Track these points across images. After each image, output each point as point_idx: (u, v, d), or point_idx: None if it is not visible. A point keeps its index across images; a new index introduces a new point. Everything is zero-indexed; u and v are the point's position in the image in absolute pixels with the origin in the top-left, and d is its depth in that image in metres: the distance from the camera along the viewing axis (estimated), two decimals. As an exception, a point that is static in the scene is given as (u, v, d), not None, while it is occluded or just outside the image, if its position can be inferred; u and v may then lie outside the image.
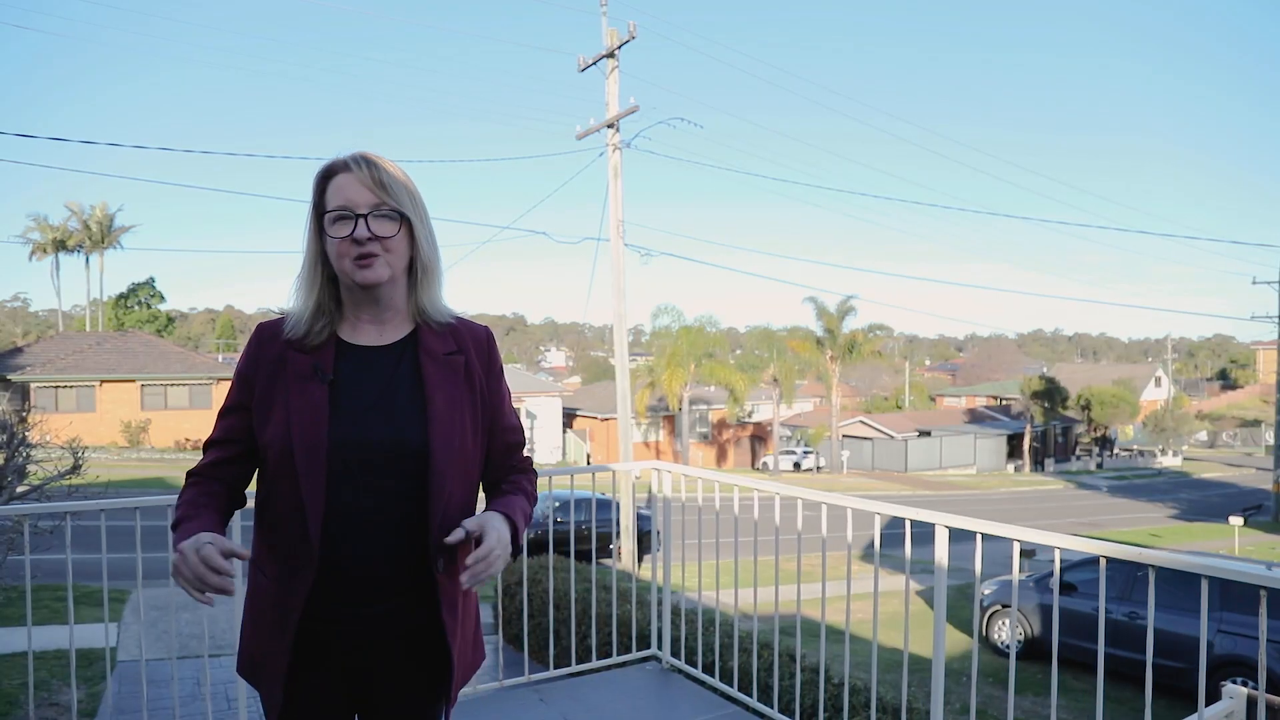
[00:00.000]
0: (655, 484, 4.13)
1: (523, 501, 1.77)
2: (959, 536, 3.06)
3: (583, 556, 13.29)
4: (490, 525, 1.60)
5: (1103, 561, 2.55)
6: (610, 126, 16.08)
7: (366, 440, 1.62)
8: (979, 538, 2.83)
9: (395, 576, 1.64)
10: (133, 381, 31.85)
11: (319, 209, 1.67)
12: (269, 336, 1.71)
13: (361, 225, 1.61)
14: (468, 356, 1.75)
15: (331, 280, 1.71)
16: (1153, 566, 2.44)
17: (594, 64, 16.17)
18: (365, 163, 1.65)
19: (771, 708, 3.54)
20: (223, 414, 1.74)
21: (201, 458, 1.75)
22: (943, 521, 2.87)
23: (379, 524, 1.62)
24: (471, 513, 1.73)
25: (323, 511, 1.58)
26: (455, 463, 1.66)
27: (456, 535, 1.59)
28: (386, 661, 1.70)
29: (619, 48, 15.86)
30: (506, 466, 1.83)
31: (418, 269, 1.72)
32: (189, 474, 1.74)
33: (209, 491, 1.70)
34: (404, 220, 1.66)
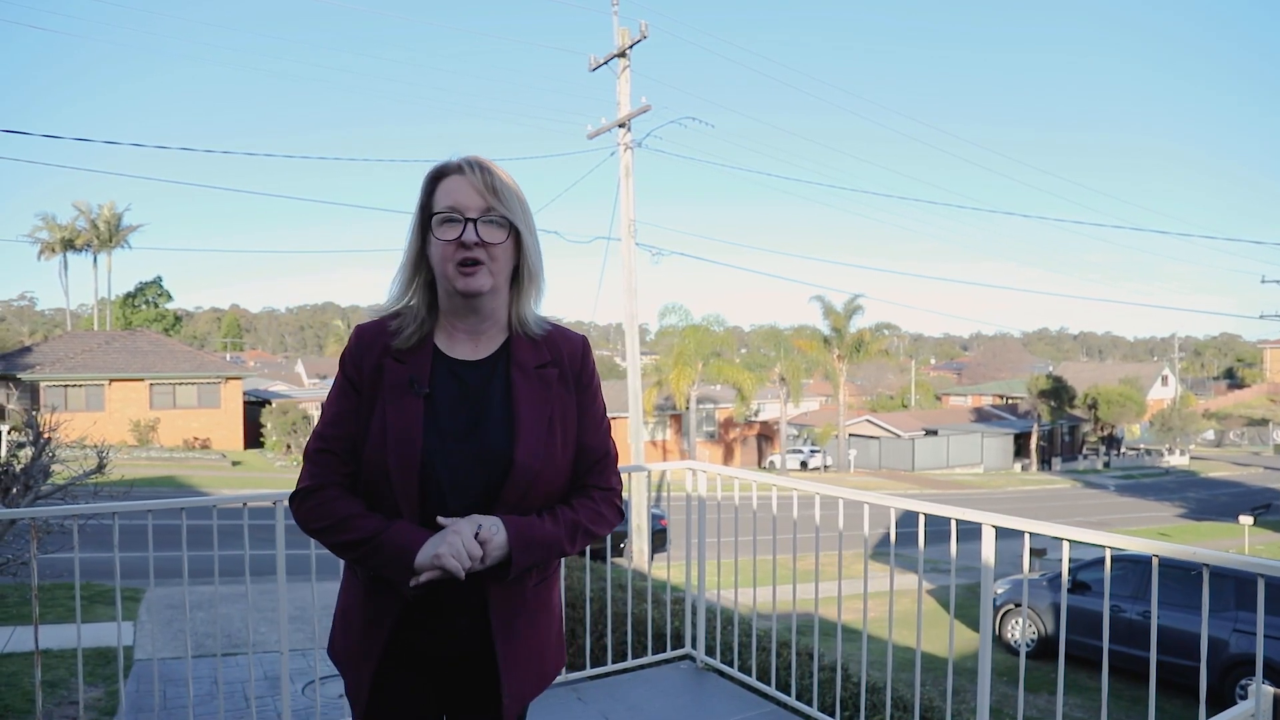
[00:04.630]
0: (690, 483, 4.14)
1: (551, 525, 1.66)
2: (965, 535, 3.07)
3: (595, 555, 13.29)
4: (487, 524, 1.57)
5: (1155, 561, 2.55)
6: (621, 126, 16.09)
7: (457, 457, 1.62)
8: (1026, 536, 2.83)
9: (480, 589, 1.64)
10: (141, 380, 31.94)
11: (426, 210, 1.65)
12: (370, 340, 1.69)
13: (470, 229, 1.60)
14: (561, 368, 1.73)
15: (429, 285, 1.70)
16: (1206, 566, 2.44)
17: (605, 63, 16.18)
18: (479, 167, 1.63)
19: (811, 706, 3.55)
20: (335, 422, 1.68)
21: (323, 461, 1.67)
22: (990, 521, 2.87)
23: None
24: None
25: (418, 525, 1.60)
26: (541, 477, 1.65)
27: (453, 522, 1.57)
28: (472, 668, 1.72)
29: (630, 47, 15.87)
30: (580, 485, 1.76)
31: (523, 279, 1.70)
32: (322, 481, 1.66)
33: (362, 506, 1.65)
34: (512, 229, 1.65)
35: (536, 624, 1.74)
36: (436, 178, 1.66)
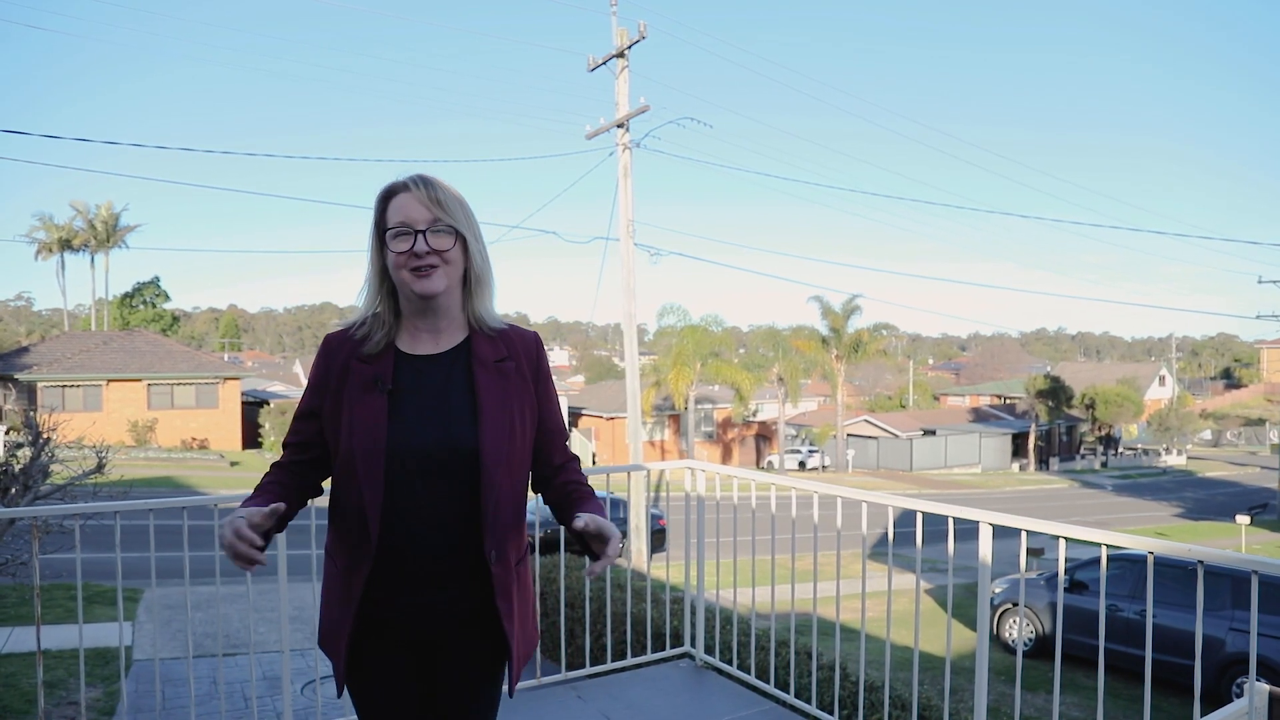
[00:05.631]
0: (689, 483, 4.16)
1: (599, 502, 1.87)
2: (963, 535, 3.10)
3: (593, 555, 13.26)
4: (606, 525, 1.73)
5: (1150, 558, 2.57)
6: (620, 126, 16.10)
7: (422, 445, 1.76)
8: (1023, 535, 2.85)
9: (451, 568, 1.79)
10: (139, 381, 31.89)
11: (380, 227, 1.82)
12: (336, 346, 1.87)
13: (420, 240, 1.76)
14: (518, 362, 1.88)
15: (391, 293, 1.86)
16: (1201, 562, 2.46)
17: (604, 64, 16.20)
18: (423, 183, 1.80)
19: (810, 704, 3.56)
20: (298, 418, 1.91)
21: (283, 451, 1.93)
22: (986, 519, 2.89)
23: (435, 521, 1.77)
24: (522, 508, 1.90)
25: (380, 511, 1.74)
26: (504, 463, 1.79)
27: (580, 523, 1.73)
28: (449, 642, 1.86)
29: (629, 47, 15.88)
30: (554, 466, 1.95)
31: (471, 280, 1.86)
32: (273, 464, 1.93)
33: (278, 480, 1.88)
34: (459, 236, 1.81)
35: (525, 605, 1.91)
36: (387, 197, 1.82)
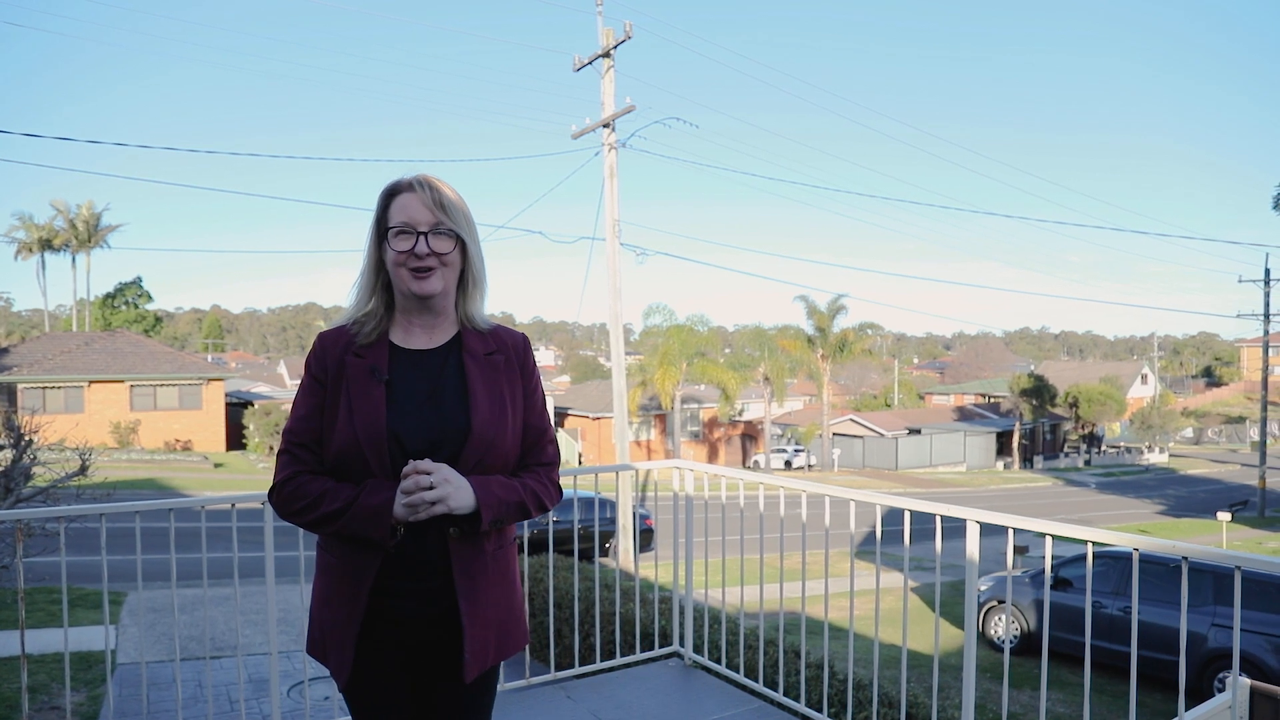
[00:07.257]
0: (677, 482, 4.16)
1: (506, 483, 1.85)
2: (949, 533, 3.12)
3: (583, 556, 13.29)
4: (451, 471, 1.74)
5: (1136, 554, 2.59)
6: (606, 126, 16.09)
7: (420, 431, 1.81)
8: (1010, 532, 2.88)
9: (445, 554, 1.81)
10: (122, 382, 31.60)
11: (381, 223, 1.86)
12: (331, 343, 1.90)
13: (422, 242, 1.81)
14: (506, 355, 1.95)
15: (386, 287, 1.90)
16: (1185, 558, 2.49)
17: (589, 64, 16.18)
18: (427, 185, 1.84)
19: (798, 701, 3.58)
20: (305, 418, 1.87)
21: (297, 453, 1.86)
22: (973, 517, 2.91)
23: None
24: None
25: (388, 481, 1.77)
26: (495, 447, 1.84)
27: (422, 464, 1.73)
28: (440, 632, 1.85)
29: (615, 47, 15.88)
30: (524, 465, 1.96)
31: (468, 282, 1.93)
32: (297, 469, 1.84)
33: (331, 482, 1.84)
34: (459, 240, 1.86)
35: (497, 592, 1.89)
36: (390, 194, 1.86)
